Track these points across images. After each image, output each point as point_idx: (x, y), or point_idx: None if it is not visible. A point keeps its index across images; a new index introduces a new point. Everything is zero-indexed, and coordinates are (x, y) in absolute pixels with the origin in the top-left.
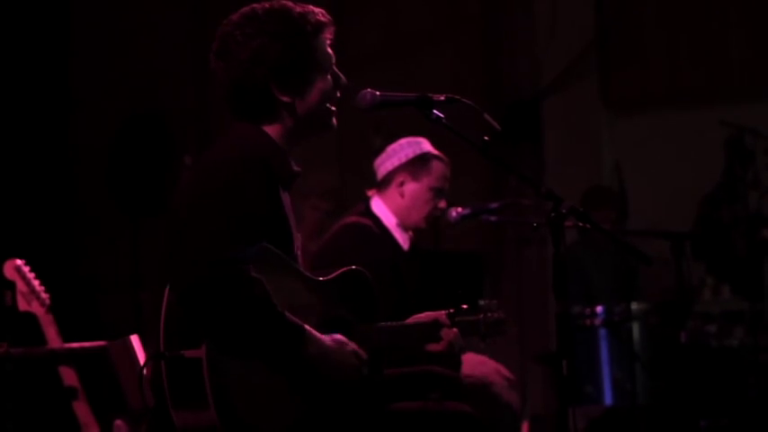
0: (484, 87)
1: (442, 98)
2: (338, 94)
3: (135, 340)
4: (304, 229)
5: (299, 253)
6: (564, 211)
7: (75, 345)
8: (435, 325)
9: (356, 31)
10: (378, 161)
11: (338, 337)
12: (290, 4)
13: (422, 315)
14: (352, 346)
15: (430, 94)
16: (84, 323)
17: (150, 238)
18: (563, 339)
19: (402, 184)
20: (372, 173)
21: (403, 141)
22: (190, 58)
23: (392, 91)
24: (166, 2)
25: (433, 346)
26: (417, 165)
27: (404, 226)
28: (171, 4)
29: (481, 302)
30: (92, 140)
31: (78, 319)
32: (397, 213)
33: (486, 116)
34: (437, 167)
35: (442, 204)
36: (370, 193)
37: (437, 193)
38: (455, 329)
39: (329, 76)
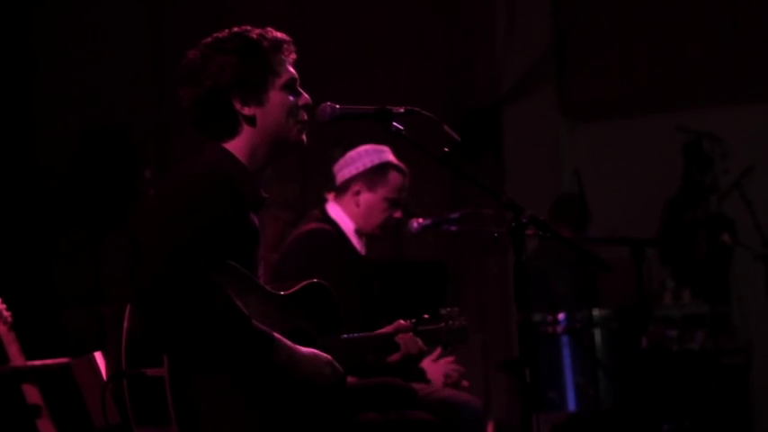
0: (444, 96)
1: (402, 110)
2: (305, 115)
3: (98, 357)
4: (265, 241)
5: (261, 277)
6: (524, 220)
7: (37, 362)
8: (394, 334)
9: (317, 42)
10: (337, 166)
11: (312, 349)
12: (249, 27)
13: (388, 327)
14: (327, 357)
15: (389, 107)
16: (45, 339)
17: (111, 253)
18: (525, 347)
19: (358, 193)
20: (333, 184)
21: (363, 149)
22: (150, 73)
23: (352, 103)
24: (126, 17)
25: (393, 357)
26: (374, 175)
27: (360, 232)
28: (131, 18)
29: (443, 311)
30: (52, 155)
31: (40, 336)
32: (353, 219)
33: (446, 127)
34: (393, 178)
35: (397, 215)
36: (328, 196)
37: (392, 203)
38: (410, 334)
39: (291, 96)
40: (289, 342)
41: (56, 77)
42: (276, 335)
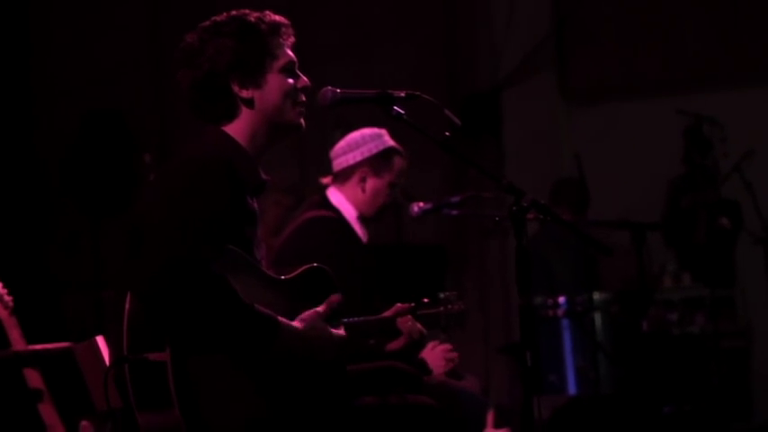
0: (444, 80)
1: (403, 94)
2: (303, 97)
3: (100, 341)
4: (266, 225)
5: (262, 260)
6: (525, 204)
7: (39, 346)
8: (394, 318)
9: (316, 27)
10: (336, 151)
11: (313, 320)
12: (248, 11)
13: (387, 312)
14: (331, 331)
15: (390, 91)
16: (46, 324)
17: (111, 237)
18: (526, 331)
19: (364, 179)
20: (331, 169)
21: (365, 134)
22: (148, 57)
23: (352, 87)
24: (125, 1)
25: (393, 344)
26: (380, 160)
27: (362, 218)
28: (130, 3)
29: (441, 295)
30: (51, 141)
31: (40, 321)
32: (356, 206)
33: (447, 111)
34: (398, 163)
35: (397, 199)
36: (325, 181)
37: (394, 188)
38: (409, 317)
39: (290, 78)
40: (291, 323)
41: (54, 62)
42: (280, 317)
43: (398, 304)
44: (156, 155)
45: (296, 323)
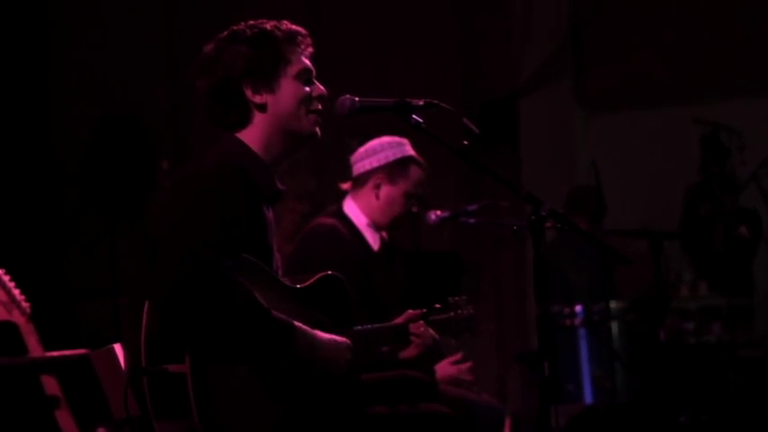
0: (460, 87)
1: (421, 103)
2: (320, 106)
3: (118, 349)
4: (282, 232)
5: (278, 270)
6: (544, 213)
7: (56, 353)
8: (406, 324)
9: (332, 33)
10: (356, 156)
11: (331, 335)
12: (266, 20)
13: (398, 318)
14: (346, 341)
15: (408, 99)
16: (62, 331)
17: (128, 243)
18: (544, 341)
19: (378, 186)
20: (349, 175)
21: (384, 141)
22: (165, 64)
23: (368, 95)
24: (142, 7)
25: (407, 353)
26: (396, 168)
27: (374, 226)
28: (147, 9)
29: (451, 300)
30: (68, 145)
31: (56, 327)
32: (368, 213)
33: (465, 120)
34: (415, 173)
35: (414, 209)
36: (344, 186)
37: (410, 198)
38: (421, 323)
39: (306, 86)
40: (308, 329)
41: (72, 67)
42: (296, 323)
43: (410, 311)
44: (174, 161)
45: (312, 330)
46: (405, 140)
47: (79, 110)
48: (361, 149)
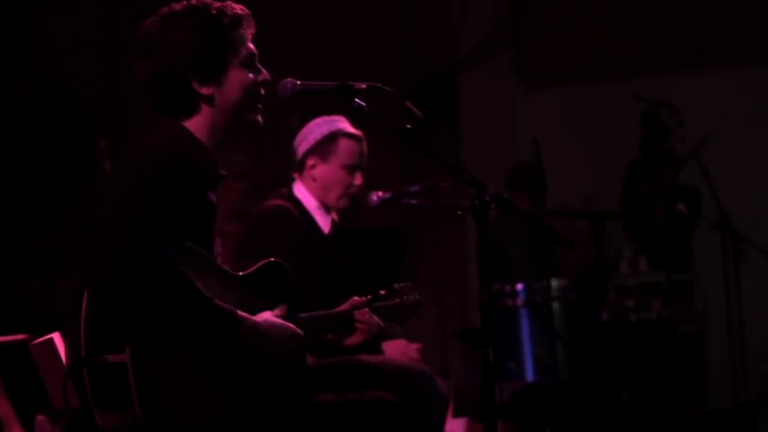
0: (399, 63)
1: (364, 86)
2: (262, 91)
3: (57, 338)
4: (221, 212)
5: (218, 255)
6: (487, 198)
7: None
8: (351, 311)
9: (270, 10)
10: (294, 143)
11: (275, 320)
12: (208, 0)
13: (343, 305)
14: (291, 327)
15: (351, 83)
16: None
17: (66, 222)
18: (488, 326)
19: (313, 167)
20: (288, 154)
21: (313, 123)
22: (103, 40)
23: (307, 73)
24: None
25: (351, 339)
26: (324, 146)
27: (325, 207)
28: None
29: (396, 286)
30: (3, 120)
31: None
32: (315, 195)
33: (408, 104)
34: (345, 145)
35: (358, 181)
36: (294, 175)
37: (351, 170)
38: (366, 310)
39: (251, 72)
40: (252, 317)
41: (8, 41)
42: (240, 312)
43: (355, 297)
44: (111, 139)
45: (255, 318)
46: (338, 117)
47: (15, 85)
48: (298, 135)
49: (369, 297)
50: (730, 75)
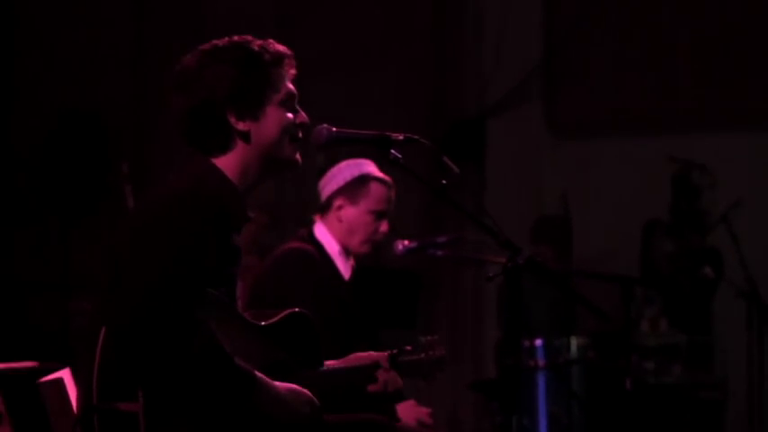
0: (430, 104)
1: (401, 137)
2: (300, 134)
3: (67, 377)
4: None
5: (239, 299)
6: (521, 262)
7: (1, 365)
8: (375, 367)
9: (303, 45)
10: (320, 184)
11: (292, 385)
12: (251, 37)
13: (364, 355)
14: (307, 394)
15: (388, 133)
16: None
17: (81, 244)
18: (511, 396)
19: (340, 208)
20: (311, 189)
21: (344, 164)
22: (131, 64)
23: (336, 110)
24: (110, 3)
25: (371, 387)
26: (355, 188)
27: (346, 252)
28: (114, 6)
29: (422, 340)
30: (27, 140)
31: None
32: (338, 239)
33: (445, 159)
34: (376, 190)
35: (384, 228)
36: (315, 217)
37: (377, 216)
38: (392, 372)
39: (289, 112)
40: (270, 381)
41: (38, 58)
42: (258, 374)
43: (379, 354)
44: (133, 163)
45: (276, 384)
46: (365, 161)
47: (40, 102)
48: (325, 176)
49: (394, 351)
50: (763, 139)
